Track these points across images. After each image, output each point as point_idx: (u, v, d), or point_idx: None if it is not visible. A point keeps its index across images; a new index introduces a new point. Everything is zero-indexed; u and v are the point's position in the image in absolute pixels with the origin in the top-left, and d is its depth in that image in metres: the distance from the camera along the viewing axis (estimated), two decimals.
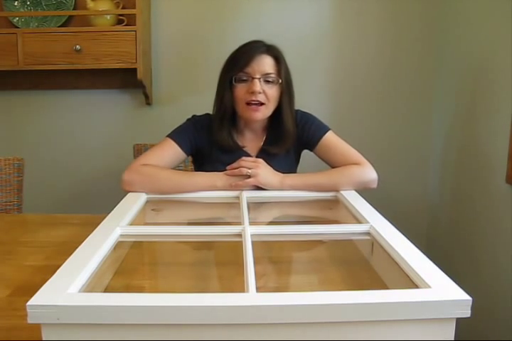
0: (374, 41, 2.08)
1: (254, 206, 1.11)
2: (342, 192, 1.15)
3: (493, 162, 1.63)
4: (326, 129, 1.44)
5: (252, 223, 0.91)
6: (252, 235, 0.81)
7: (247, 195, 1.11)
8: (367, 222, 0.90)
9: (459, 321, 0.58)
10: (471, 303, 0.57)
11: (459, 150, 1.91)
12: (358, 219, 0.95)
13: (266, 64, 1.35)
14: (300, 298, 0.58)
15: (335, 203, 1.16)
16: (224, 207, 1.17)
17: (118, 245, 0.81)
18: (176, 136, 1.41)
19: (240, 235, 0.83)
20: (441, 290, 0.60)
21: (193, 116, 1.51)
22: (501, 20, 1.60)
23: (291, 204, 1.20)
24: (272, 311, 0.56)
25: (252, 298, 0.59)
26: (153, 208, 1.13)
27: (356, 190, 1.22)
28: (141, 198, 1.09)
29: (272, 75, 1.35)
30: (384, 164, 2.21)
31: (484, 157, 1.70)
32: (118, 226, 0.85)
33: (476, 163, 1.76)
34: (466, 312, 0.57)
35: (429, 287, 0.61)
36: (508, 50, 1.54)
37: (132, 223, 0.93)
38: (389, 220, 0.91)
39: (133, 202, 1.04)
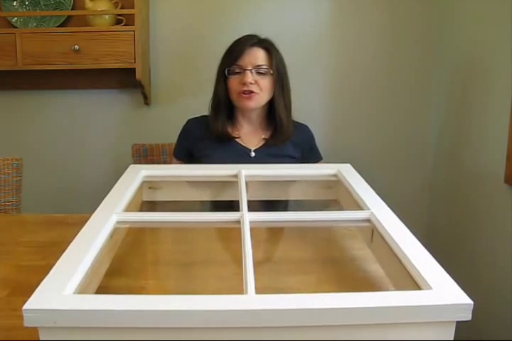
0: (373, 40, 2.08)
1: (253, 185, 1.10)
2: (342, 171, 1.10)
3: (491, 162, 1.63)
4: (319, 158, 1.60)
5: (250, 201, 0.91)
6: (250, 222, 0.80)
7: (245, 173, 1.07)
8: (368, 209, 0.87)
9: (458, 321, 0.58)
10: (472, 307, 0.56)
11: (457, 150, 1.91)
12: (358, 204, 0.92)
13: (257, 56, 1.40)
14: (300, 301, 0.56)
15: (335, 182, 1.12)
16: (222, 185, 1.14)
17: (113, 236, 0.79)
18: (176, 152, 1.56)
19: (238, 222, 0.81)
20: (442, 292, 0.59)
21: (188, 120, 1.55)
22: (499, 19, 1.60)
23: (290, 183, 1.18)
24: (271, 315, 0.55)
25: (251, 300, 0.57)
26: (151, 186, 1.12)
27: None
28: (139, 176, 1.07)
29: (264, 67, 1.40)
30: (381, 163, 2.21)
31: (483, 157, 1.70)
32: (114, 212, 0.83)
33: (474, 163, 1.76)
34: (467, 316, 0.56)
35: (430, 288, 0.59)
36: (507, 49, 1.54)
37: (130, 202, 0.92)
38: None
39: (130, 181, 1.03)
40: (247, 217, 0.82)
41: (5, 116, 2.18)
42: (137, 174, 1.08)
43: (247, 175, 1.07)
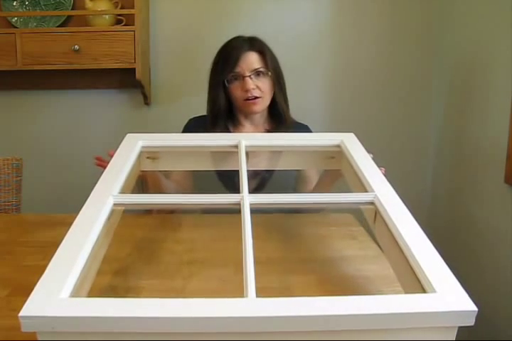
0: (373, 40, 2.08)
1: (253, 155, 1.09)
2: (345, 141, 1.08)
3: (491, 162, 1.63)
4: None
5: (249, 171, 0.91)
6: (251, 204, 0.79)
7: (246, 144, 1.03)
8: (371, 189, 0.85)
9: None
10: (476, 314, 0.55)
11: (457, 150, 1.91)
12: (361, 182, 0.90)
13: (253, 60, 1.41)
14: (301, 306, 0.55)
15: (338, 153, 1.10)
16: (222, 156, 1.12)
17: (109, 228, 0.78)
18: None
19: (238, 204, 0.80)
20: (446, 296, 0.57)
21: (189, 120, 1.54)
22: (499, 19, 1.60)
23: (291, 153, 1.14)
24: (272, 321, 0.54)
25: (251, 305, 0.56)
26: (149, 156, 1.10)
27: None
28: (137, 146, 1.05)
29: (261, 69, 1.41)
30: (381, 163, 2.20)
31: (483, 157, 1.70)
32: (111, 194, 0.82)
33: (474, 163, 1.76)
34: (470, 322, 0.55)
35: (435, 291, 0.58)
36: (507, 48, 1.54)
37: (128, 176, 0.91)
38: None
39: (128, 153, 1.00)
40: (247, 200, 0.80)
41: (5, 116, 2.17)
42: (135, 145, 1.04)
43: (248, 146, 1.04)
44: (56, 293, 0.57)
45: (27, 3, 2.01)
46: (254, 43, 1.43)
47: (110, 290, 0.85)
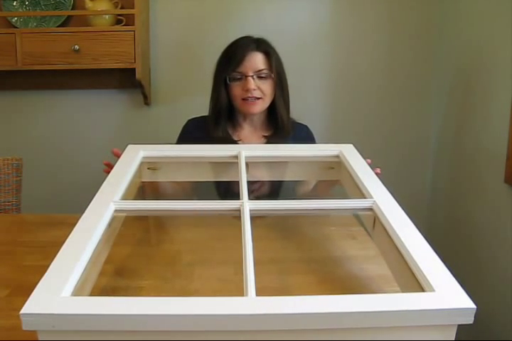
0: (373, 40, 2.08)
1: (253, 165, 1.09)
2: (344, 152, 1.07)
3: (491, 162, 1.63)
4: None
5: (250, 182, 0.91)
6: (251, 210, 0.79)
7: (246, 154, 1.04)
8: (370, 196, 0.86)
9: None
10: (475, 311, 0.55)
11: (457, 151, 1.91)
12: (360, 190, 0.91)
13: (257, 61, 1.40)
14: (301, 304, 0.56)
15: (337, 163, 1.10)
16: (222, 166, 1.13)
17: (110, 231, 0.79)
18: None
19: (238, 210, 0.80)
20: (445, 294, 0.58)
21: (188, 120, 1.53)
22: (500, 19, 1.60)
23: (291, 163, 1.16)
24: (272, 319, 0.54)
25: (251, 303, 0.56)
26: (149, 167, 1.10)
27: None
28: (138, 156, 1.05)
29: (264, 71, 1.40)
30: (381, 164, 2.20)
31: (482, 157, 1.70)
32: (112, 201, 0.82)
33: (474, 163, 1.76)
34: (469, 320, 0.55)
35: (433, 290, 0.58)
36: (507, 49, 1.54)
37: (129, 186, 0.92)
38: None
39: (129, 162, 1.01)
40: (247, 206, 0.80)
41: (5, 116, 2.17)
42: (136, 155, 1.05)
43: (248, 156, 1.05)
44: (58, 292, 0.57)
45: (27, 3, 2.01)
46: (261, 44, 1.42)
47: (111, 290, 0.85)
